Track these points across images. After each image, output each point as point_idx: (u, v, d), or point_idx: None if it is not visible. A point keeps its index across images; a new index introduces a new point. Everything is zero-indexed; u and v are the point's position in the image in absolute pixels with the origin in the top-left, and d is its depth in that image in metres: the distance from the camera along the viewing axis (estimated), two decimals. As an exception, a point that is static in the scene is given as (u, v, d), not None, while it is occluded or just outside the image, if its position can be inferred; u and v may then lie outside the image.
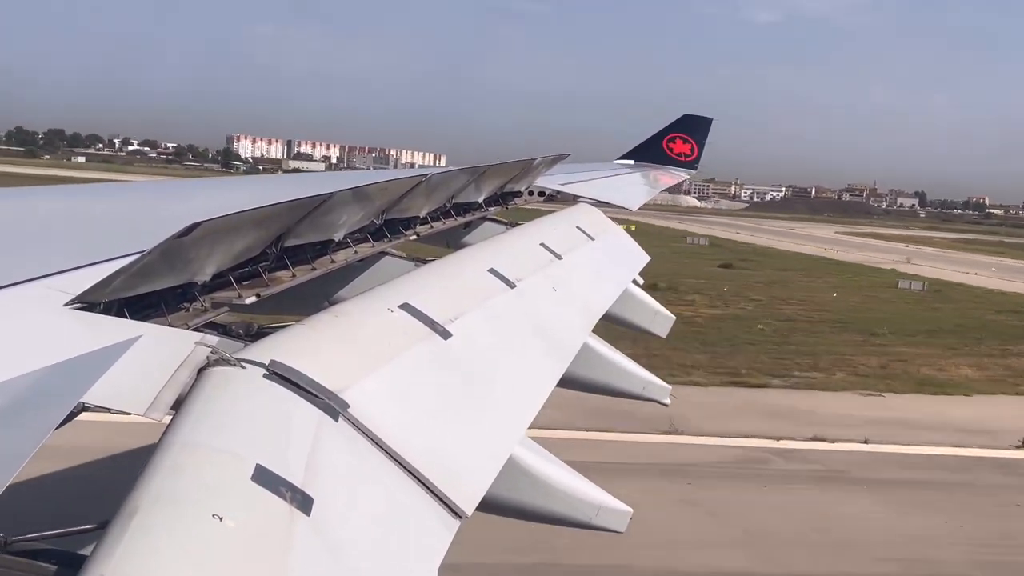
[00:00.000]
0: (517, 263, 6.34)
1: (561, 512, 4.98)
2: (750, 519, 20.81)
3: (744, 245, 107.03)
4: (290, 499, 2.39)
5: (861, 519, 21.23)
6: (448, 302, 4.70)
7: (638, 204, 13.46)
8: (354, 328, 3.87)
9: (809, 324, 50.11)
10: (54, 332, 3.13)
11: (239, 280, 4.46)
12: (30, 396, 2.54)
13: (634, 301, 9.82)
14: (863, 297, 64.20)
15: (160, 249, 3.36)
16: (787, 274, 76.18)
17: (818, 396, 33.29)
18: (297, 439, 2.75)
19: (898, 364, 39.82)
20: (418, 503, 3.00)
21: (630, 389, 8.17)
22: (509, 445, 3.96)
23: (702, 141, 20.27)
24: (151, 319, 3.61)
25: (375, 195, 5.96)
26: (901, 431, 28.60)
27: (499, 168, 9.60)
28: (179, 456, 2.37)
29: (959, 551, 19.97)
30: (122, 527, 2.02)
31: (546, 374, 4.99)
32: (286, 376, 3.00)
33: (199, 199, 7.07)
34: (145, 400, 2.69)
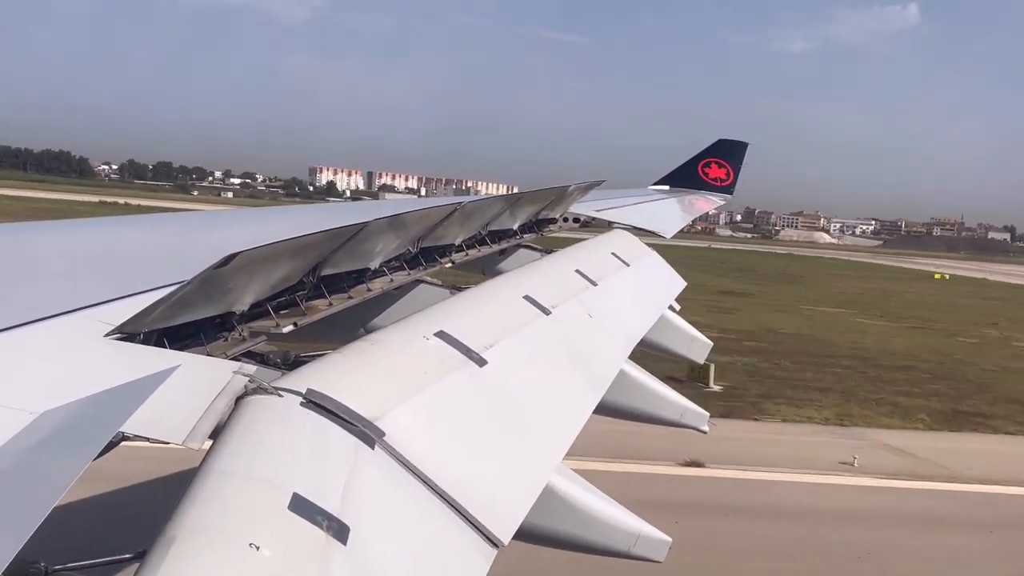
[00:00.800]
0: (552, 290, 6.33)
1: (599, 541, 4.94)
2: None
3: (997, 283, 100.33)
4: (327, 528, 2.39)
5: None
6: (483, 329, 4.70)
7: (674, 230, 13.41)
8: (390, 356, 3.88)
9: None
10: (94, 362, 3.17)
11: (276, 309, 4.49)
12: (71, 425, 2.57)
13: (671, 327, 9.77)
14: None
15: (199, 280, 3.39)
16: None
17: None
18: (333, 468, 2.76)
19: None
20: (454, 532, 2.99)
21: (668, 416, 8.11)
22: (546, 473, 3.95)
23: (738, 165, 20.20)
24: (190, 349, 3.64)
25: (410, 223, 5.99)
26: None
27: (534, 195, 9.62)
28: (217, 485, 2.38)
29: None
30: (160, 556, 2.03)
31: (582, 401, 4.96)
32: (323, 404, 3.01)
33: (238, 229, 7.14)
34: (184, 429, 2.71)
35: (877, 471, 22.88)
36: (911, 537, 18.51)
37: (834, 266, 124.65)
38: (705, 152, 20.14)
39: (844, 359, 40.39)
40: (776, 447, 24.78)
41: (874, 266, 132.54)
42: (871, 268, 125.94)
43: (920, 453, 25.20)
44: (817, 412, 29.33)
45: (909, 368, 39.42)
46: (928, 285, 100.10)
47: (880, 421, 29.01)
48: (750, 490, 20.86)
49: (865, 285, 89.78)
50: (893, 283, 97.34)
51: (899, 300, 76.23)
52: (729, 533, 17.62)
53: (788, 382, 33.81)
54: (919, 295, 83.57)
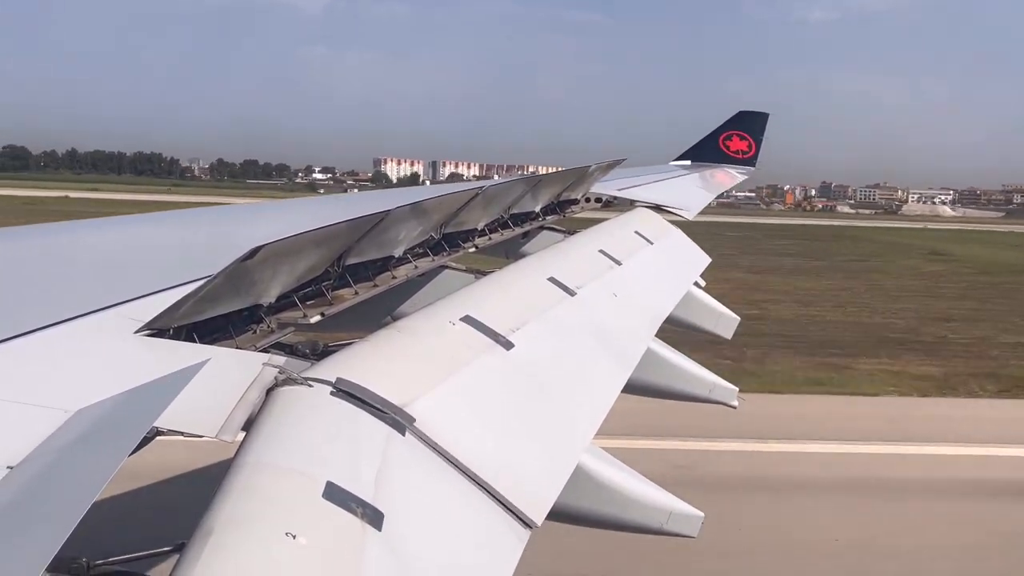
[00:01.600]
0: (576, 271, 6.33)
1: (631, 519, 4.95)
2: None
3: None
4: (361, 515, 2.42)
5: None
6: (509, 313, 4.71)
7: (698, 208, 13.33)
8: (417, 342, 3.90)
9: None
10: (126, 359, 3.20)
11: (303, 300, 4.52)
12: (106, 422, 2.61)
13: (697, 303, 9.74)
14: None
15: (225, 273, 3.42)
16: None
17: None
18: (366, 455, 2.78)
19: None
20: (488, 514, 3.01)
21: (697, 392, 8.10)
22: (576, 453, 3.96)
23: (759, 137, 20.07)
24: (219, 342, 3.67)
25: (433, 209, 6.00)
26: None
27: (555, 176, 9.61)
28: (251, 476, 2.41)
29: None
30: (198, 548, 2.06)
31: (611, 380, 4.97)
32: (352, 393, 3.03)
33: (264, 222, 7.18)
34: (217, 422, 2.74)
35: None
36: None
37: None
38: (726, 125, 20.01)
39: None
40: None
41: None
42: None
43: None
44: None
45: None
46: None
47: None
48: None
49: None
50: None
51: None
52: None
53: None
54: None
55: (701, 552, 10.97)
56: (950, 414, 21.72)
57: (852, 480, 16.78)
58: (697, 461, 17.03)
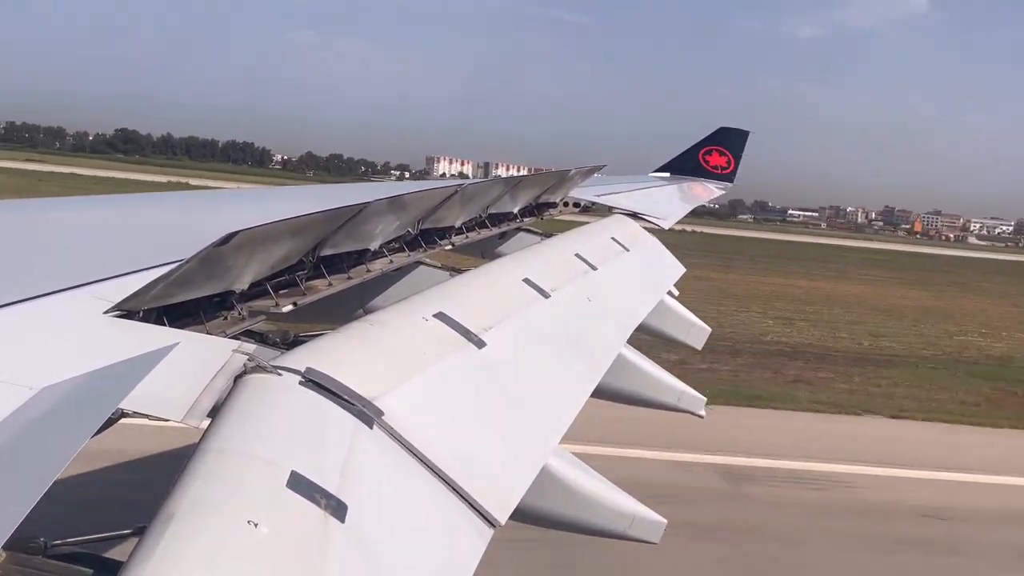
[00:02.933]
0: (552, 273, 6.34)
1: (595, 522, 4.96)
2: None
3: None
4: (325, 506, 2.40)
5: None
6: (482, 311, 4.71)
7: (675, 219, 13.41)
8: (389, 336, 3.88)
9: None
10: (94, 339, 3.17)
11: (276, 289, 4.50)
12: (70, 401, 2.58)
13: (670, 312, 9.78)
14: None
15: (199, 257, 3.40)
16: None
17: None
18: (332, 446, 2.77)
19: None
20: (452, 511, 3.00)
21: (665, 400, 8.14)
22: (543, 455, 3.96)
23: (739, 154, 20.20)
24: (189, 327, 3.64)
25: (410, 205, 5.99)
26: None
27: (534, 179, 9.63)
28: (215, 462, 2.39)
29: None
30: (158, 533, 2.04)
31: (580, 384, 4.98)
32: (321, 383, 3.01)
33: (241, 208, 7.14)
34: (183, 407, 2.72)
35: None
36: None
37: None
38: (706, 140, 20.14)
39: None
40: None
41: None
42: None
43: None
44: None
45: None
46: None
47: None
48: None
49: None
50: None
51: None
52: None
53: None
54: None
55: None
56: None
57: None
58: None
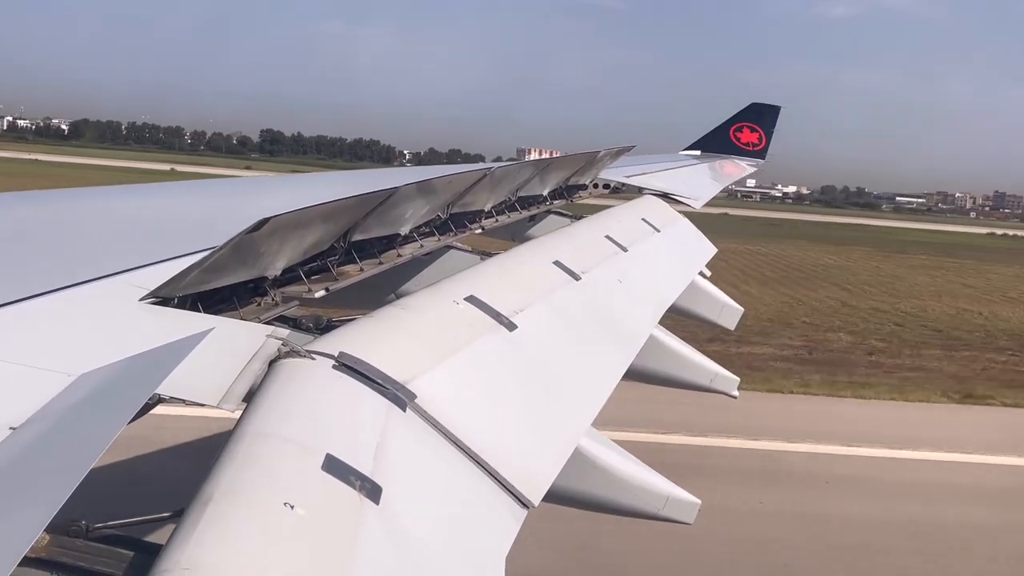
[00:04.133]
0: (582, 255, 6.33)
1: (628, 503, 4.97)
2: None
3: None
4: (359, 488, 2.42)
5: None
6: (513, 294, 4.71)
7: (706, 198, 13.32)
8: (421, 320, 3.90)
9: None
10: (130, 326, 3.22)
11: (308, 274, 4.53)
12: (108, 387, 2.62)
13: (701, 293, 9.75)
14: None
15: (231, 244, 3.42)
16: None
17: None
18: (366, 429, 2.79)
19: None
20: (485, 492, 3.02)
21: (698, 381, 8.12)
22: (575, 436, 3.97)
23: (770, 130, 20.04)
24: (223, 313, 3.68)
25: (440, 189, 6.00)
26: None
27: (563, 161, 9.60)
28: (251, 446, 2.42)
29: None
30: (197, 515, 2.07)
31: (612, 366, 4.98)
32: (355, 367, 3.04)
33: (273, 195, 7.19)
34: (218, 392, 2.75)
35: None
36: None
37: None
38: (737, 116, 19.99)
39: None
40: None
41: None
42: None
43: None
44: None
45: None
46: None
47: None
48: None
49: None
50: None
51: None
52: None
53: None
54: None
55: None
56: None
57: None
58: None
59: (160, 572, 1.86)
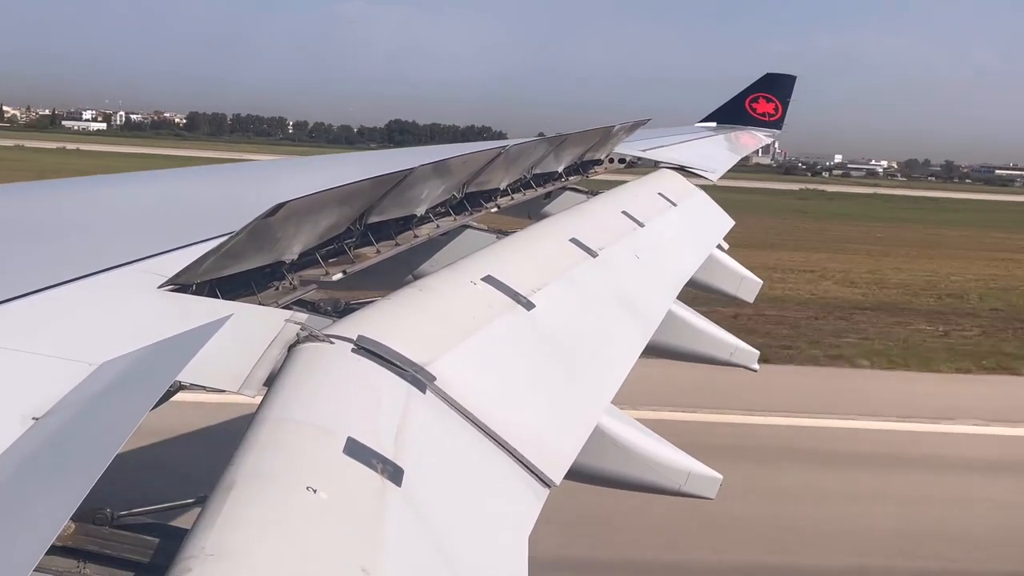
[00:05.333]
0: (598, 232, 6.31)
1: (650, 479, 4.98)
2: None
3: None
4: (381, 471, 2.43)
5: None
6: (530, 273, 4.71)
7: (722, 170, 13.24)
8: (438, 301, 3.90)
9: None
10: (149, 313, 3.23)
11: (325, 258, 4.53)
12: (129, 375, 2.63)
13: (719, 266, 9.71)
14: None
15: (247, 230, 3.43)
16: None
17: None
18: (386, 412, 2.80)
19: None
20: (507, 472, 3.02)
21: (718, 355, 8.11)
22: (596, 414, 3.97)
23: (786, 100, 19.89)
24: (241, 298, 3.69)
25: (455, 169, 5.98)
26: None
27: (578, 136, 9.55)
28: (273, 431, 2.43)
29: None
30: (220, 501, 2.08)
31: (631, 342, 4.97)
32: (374, 350, 3.04)
33: (288, 179, 7.19)
34: (239, 377, 2.76)
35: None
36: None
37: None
38: (752, 87, 19.85)
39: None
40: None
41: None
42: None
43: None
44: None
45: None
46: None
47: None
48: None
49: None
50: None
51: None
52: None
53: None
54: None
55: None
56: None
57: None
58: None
59: (185, 558, 1.87)
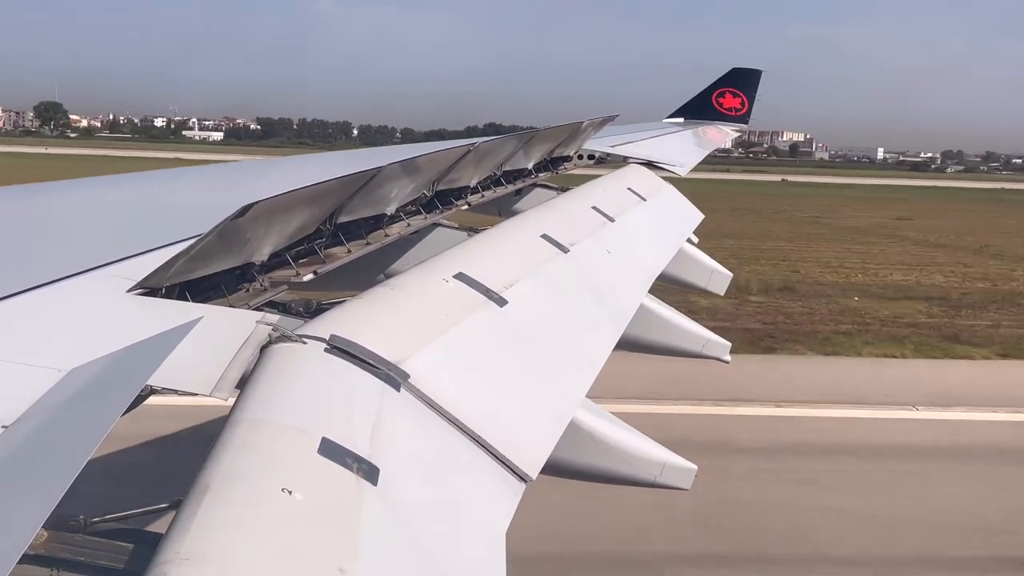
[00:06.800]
0: (569, 227, 6.32)
1: (625, 472, 4.99)
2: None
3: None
4: (357, 470, 2.42)
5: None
6: (502, 270, 4.71)
7: (691, 165, 13.31)
8: (411, 300, 3.89)
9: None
10: (118, 318, 3.20)
11: (296, 258, 4.51)
12: (99, 381, 2.60)
13: (690, 260, 9.76)
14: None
15: (216, 232, 3.40)
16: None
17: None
18: (361, 411, 2.79)
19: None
20: (483, 469, 3.02)
21: (690, 348, 8.15)
22: (570, 408, 3.97)
23: (752, 94, 20.04)
24: (212, 301, 3.66)
25: (424, 167, 5.98)
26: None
27: (547, 133, 9.56)
28: (247, 433, 2.41)
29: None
30: (195, 504, 2.06)
31: (604, 337, 4.98)
32: (347, 349, 3.03)
33: (257, 180, 7.15)
34: (211, 380, 2.74)
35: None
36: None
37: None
38: (719, 82, 19.99)
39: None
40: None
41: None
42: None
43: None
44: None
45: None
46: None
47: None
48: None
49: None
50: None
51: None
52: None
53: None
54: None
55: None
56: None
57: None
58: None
59: (160, 563, 1.86)
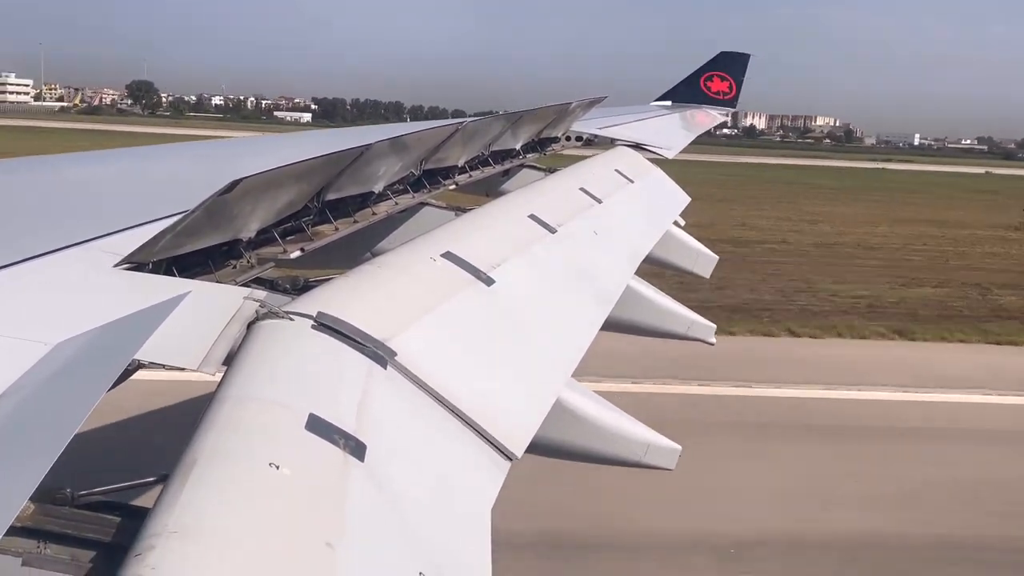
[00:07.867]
0: (557, 208, 6.33)
1: (610, 452, 5.02)
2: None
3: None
4: (343, 446, 2.43)
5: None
6: (490, 249, 4.71)
7: (678, 148, 13.32)
8: (398, 278, 3.90)
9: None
10: (106, 292, 3.19)
11: (283, 235, 4.50)
12: (86, 355, 2.60)
13: (676, 242, 9.79)
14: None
15: (203, 207, 3.40)
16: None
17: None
18: (348, 388, 2.80)
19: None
20: (469, 446, 3.03)
21: (675, 330, 8.18)
22: (556, 387, 3.99)
23: (740, 78, 20.04)
24: (199, 277, 3.66)
25: (412, 145, 5.97)
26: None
27: (535, 114, 9.55)
28: (234, 409, 2.41)
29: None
30: (182, 479, 2.07)
31: (590, 317, 5.00)
32: (334, 327, 3.03)
33: (247, 156, 7.12)
34: (198, 355, 2.74)
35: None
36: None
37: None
38: (707, 66, 19.97)
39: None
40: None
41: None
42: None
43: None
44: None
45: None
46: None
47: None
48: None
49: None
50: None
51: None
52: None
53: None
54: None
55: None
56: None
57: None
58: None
59: (148, 536, 1.86)
